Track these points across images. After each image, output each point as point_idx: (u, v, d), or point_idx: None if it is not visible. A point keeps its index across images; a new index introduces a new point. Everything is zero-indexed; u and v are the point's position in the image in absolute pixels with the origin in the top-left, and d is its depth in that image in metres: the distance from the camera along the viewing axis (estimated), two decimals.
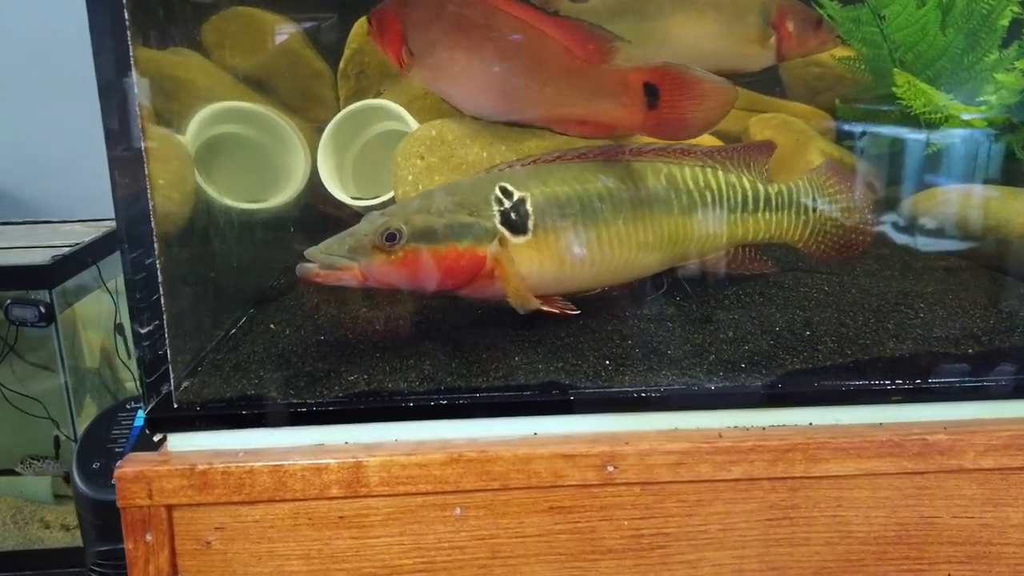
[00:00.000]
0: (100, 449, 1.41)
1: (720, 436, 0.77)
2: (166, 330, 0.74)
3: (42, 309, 1.73)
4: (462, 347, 0.84)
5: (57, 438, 1.89)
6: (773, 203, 0.94)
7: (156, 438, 0.75)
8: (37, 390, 1.87)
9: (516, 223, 0.82)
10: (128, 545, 0.73)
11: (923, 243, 1.17)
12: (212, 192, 1.20)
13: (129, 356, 1.92)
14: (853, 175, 1.02)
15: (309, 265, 0.77)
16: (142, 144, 0.72)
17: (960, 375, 0.81)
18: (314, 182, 1.35)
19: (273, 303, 1.00)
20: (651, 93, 0.88)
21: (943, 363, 0.81)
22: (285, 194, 1.34)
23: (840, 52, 1.38)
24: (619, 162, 0.88)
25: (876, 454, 0.77)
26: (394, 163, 1.26)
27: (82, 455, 1.42)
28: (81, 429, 1.76)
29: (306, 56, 1.52)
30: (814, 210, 0.96)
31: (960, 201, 1.19)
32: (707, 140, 1.43)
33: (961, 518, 0.79)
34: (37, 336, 1.82)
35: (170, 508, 0.73)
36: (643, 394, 0.78)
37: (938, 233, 1.16)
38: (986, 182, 1.25)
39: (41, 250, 1.73)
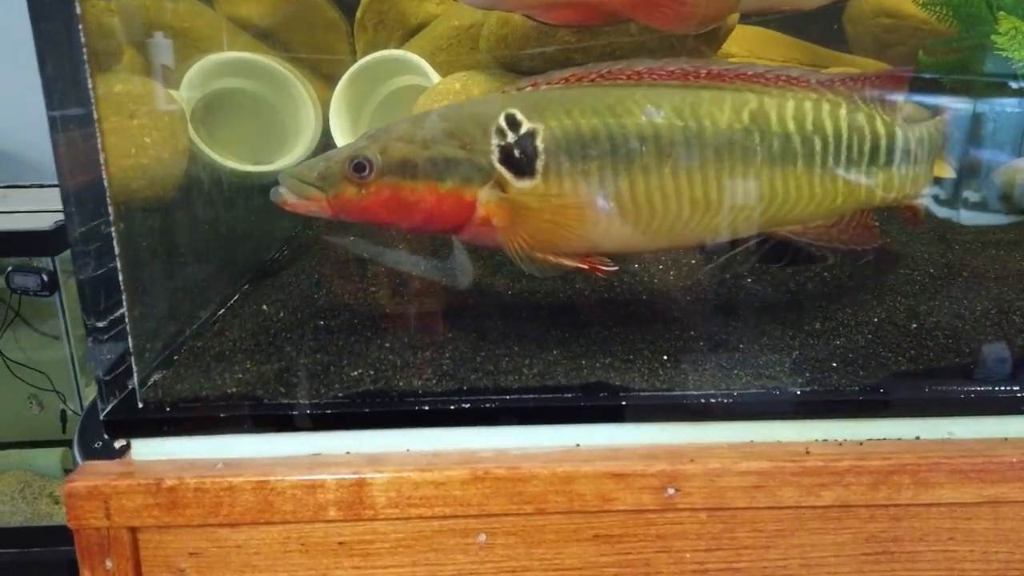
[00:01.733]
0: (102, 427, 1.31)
1: (807, 452, 0.62)
2: (127, 313, 0.61)
3: (44, 277, 1.66)
4: (488, 337, 0.69)
5: (64, 412, 1.81)
6: (913, 153, 0.70)
7: (118, 444, 0.62)
8: (43, 360, 1.80)
9: (520, 162, 0.63)
10: (84, 573, 0.60)
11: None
12: (209, 152, 1.07)
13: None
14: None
15: (280, 190, 0.65)
16: (91, 96, 0.57)
17: None
18: (326, 142, 1.22)
19: (270, 279, 0.87)
20: None
21: None
22: (293, 155, 1.21)
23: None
24: (686, 88, 0.66)
25: (1002, 478, 0.62)
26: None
27: (84, 433, 1.33)
28: (89, 401, 1.69)
29: (318, 4, 1.38)
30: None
31: None
32: None
33: None
34: (43, 302, 1.75)
35: (134, 530, 0.60)
36: (711, 399, 0.63)
37: None
38: None
39: (45, 215, 1.65)
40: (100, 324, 0.60)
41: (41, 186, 1.91)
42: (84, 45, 0.57)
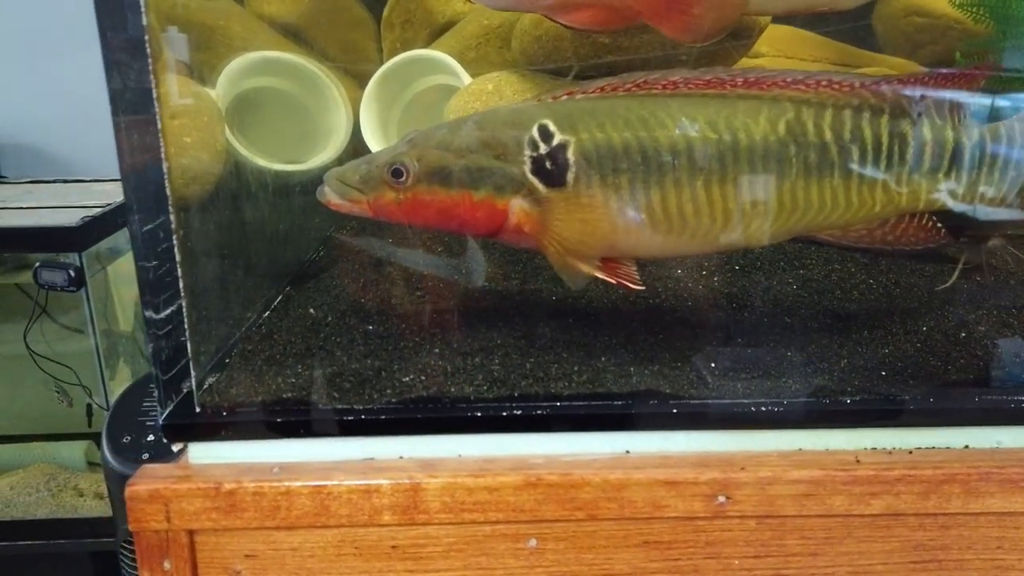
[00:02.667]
0: (131, 422, 1.33)
1: (857, 461, 0.63)
2: (186, 316, 0.62)
3: (71, 273, 1.67)
4: (537, 343, 0.70)
5: (89, 406, 1.83)
6: (966, 159, 0.67)
7: (175, 448, 0.63)
8: (69, 353, 1.82)
9: (551, 173, 0.64)
10: (143, 574, 0.61)
11: None
12: (245, 152, 1.08)
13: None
14: None
15: (325, 189, 0.68)
16: (155, 98, 0.58)
17: None
18: (356, 142, 1.22)
19: (311, 280, 0.87)
20: None
21: None
22: (325, 155, 1.22)
23: None
24: (723, 97, 0.65)
25: None
26: (446, 120, 1.13)
27: (112, 428, 1.34)
28: (114, 396, 1.70)
29: (347, 2, 1.38)
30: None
31: None
32: None
33: None
34: (68, 297, 1.76)
35: (192, 533, 0.61)
36: (760, 407, 0.64)
37: None
38: None
39: (71, 211, 1.67)
40: (160, 329, 0.60)
41: (64, 181, 1.93)
42: (148, 47, 0.58)
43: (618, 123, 0.64)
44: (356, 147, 1.22)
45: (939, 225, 0.69)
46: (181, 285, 0.62)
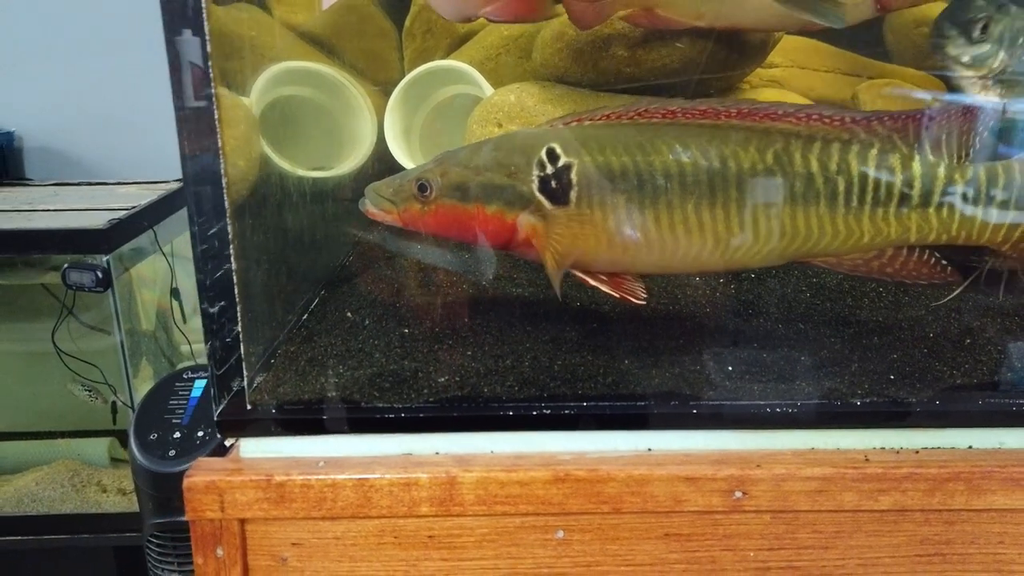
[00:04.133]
0: (158, 419, 1.37)
1: (867, 460, 0.67)
2: (239, 314, 0.66)
3: (99, 274, 1.70)
4: (564, 346, 0.74)
5: (114, 404, 1.87)
6: (958, 196, 0.69)
7: (228, 443, 0.68)
8: (93, 351, 1.85)
9: (556, 192, 0.70)
10: (197, 560, 0.66)
11: None
12: (276, 159, 1.12)
13: (184, 321, 1.89)
14: None
15: (365, 200, 0.76)
16: (215, 105, 0.63)
17: None
18: (381, 150, 1.26)
19: (345, 284, 0.92)
20: None
21: None
22: (351, 162, 1.26)
23: None
24: (717, 127, 0.69)
25: None
26: (469, 131, 1.17)
27: (139, 425, 1.38)
28: (137, 393, 1.74)
29: (372, 13, 1.42)
30: None
31: None
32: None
33: None
34: (93, 296, 1.80)
35: (243, 522, 0.65)
36: (775, 408, 0.67)
37: None
38: None
39: (98, 213, 1.70)
40: (215, 329, 0.65)
41: (90, 183, 1.96)
42: (209, 59, 0.62)
43: (618, 148, 0.70)
44: (381, 154, 1.27)
45: (943, 262, 0.72)
46: (235, 284, 0.66)
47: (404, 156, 1.28)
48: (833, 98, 1.33)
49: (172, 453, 1.21)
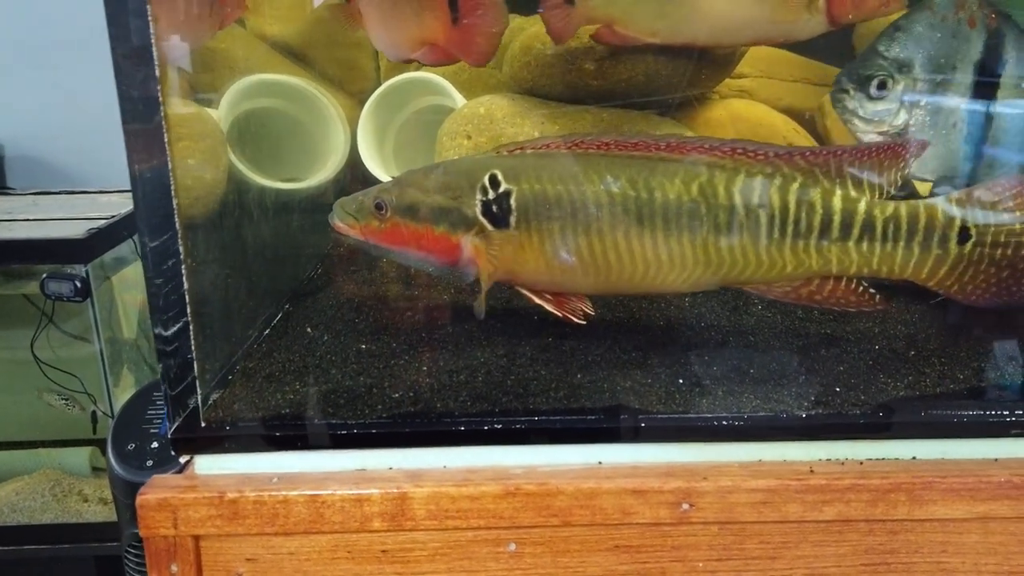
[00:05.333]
0: (136, 429, 1.37)
1: (811, 471, 0.68)
2: (192, 335, 0.67)
3: (78, 284, 1.70)
4: (518, 361, 0.75)
5: (94, 413, 1.87)
6: (878, 231, 0.71)
7: (182, 460, 0.69)
8: (73, 361, 1.85)
9: (497, 216, 0.74)
10: None
11: None
12: (246, 171, 1.13)
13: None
14: None
15: (333, 215, 0.79)
16: (163, 118, 0.64)
17: None
18: (354, 161, 1.27)
19: (310, 298, 0.93)
20: (453, 4, 0.81)
21: None
22: (323, 173, 1.26)
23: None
24: (648, 159, 0.73)
25: (992, 496, 0.67)
26: (439, 143, 1.18)
27: (117, 435, 1.38)
28: (117, 402, 1.74)
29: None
30: (964, 242, 0.72)
31: None
32: (773, 119, 1.32)
33: None
34: (74, 305, 1.80)
35: (197, 538, 0.66)
36: (723, 421, 0.69)
37: None
38: None
39: (77, 222, 1.70)
40: (168, 347, 0.66)
41: (70, 192, 1.96)
42: (158, 72, 0.63)
43: (553, 176, 0.73)
44: (354, 166, 1.27)
45: (872, 291, 0.74)
46: (188, 305, 0.67)
47: (377, 167, 1.29)
48: (801, 108, 1.35)
49: (150, 463, 1.21)
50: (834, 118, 1.31)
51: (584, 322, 0.76)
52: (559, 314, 0.75)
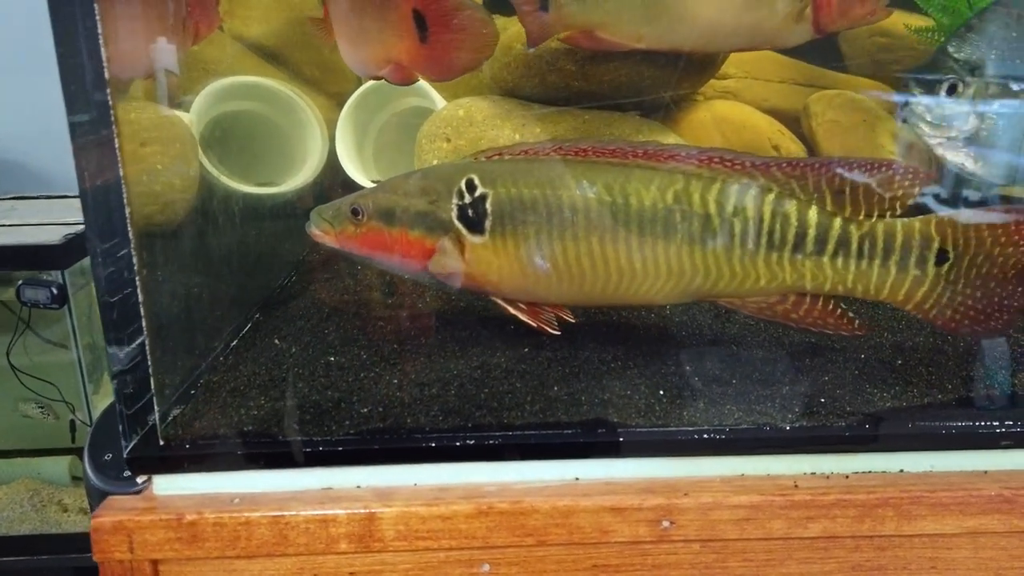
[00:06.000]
0: (113, 439, 1.34)
1: (796, 486, 0.65)
2: (149, 352, 0.64)
3: (54, 291, 1.67)
4: (492, 373, 0.72)
5: (73, 422, 1.84)
6: (853, 248, 0.69)
7: (139, 480, 0.66)
8: (52, 367, 1.82)
9: (473, 221, 0.73)
10: None
11: None
12: (220, 177, 1.10)
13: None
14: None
15: (308, 223, 0.79)
16: (113, 123, 0.61)
17: None
18: (333, 164, 1.24)
19: (281, 307, 0.90)
20: (420, 23, 0.81)
21: None
22: (301, 177, 1.24)
23: (916, 22, 1.23)
24: (624, 165, 0.71)
25: (982, 510, 0.65)
26: (418, 145, 1.15)
27: (94, 444, 1.35)
28: (97, 409, 1.70)
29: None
30: (941, 263, 0.69)
31: None
32: (759, 118, 1.30)
33: None
34: (52, 314, 1.77)
35: (156, 563, 0.63)
36: (704, 435, 0.66)
37: None
38: None
39: (54, 228, 1.67)
40: (123, 366, 0.63)
41: (49, 197, 1.93)
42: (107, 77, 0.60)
43: (530, 181, 0.72)
44: (333, 169, 1.25)
45: (850, 314, 0.72)
46: (144, 319, 0.64)
47: (356, 170, 1.26)
48: (786, 108, 1.33)
49: (127, 474, 1.18)
50: (819, 120, 1.29)
51: (559, 332, 0.74)
52: (534, 324, 0.74)
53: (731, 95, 1.36)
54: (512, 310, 0.74)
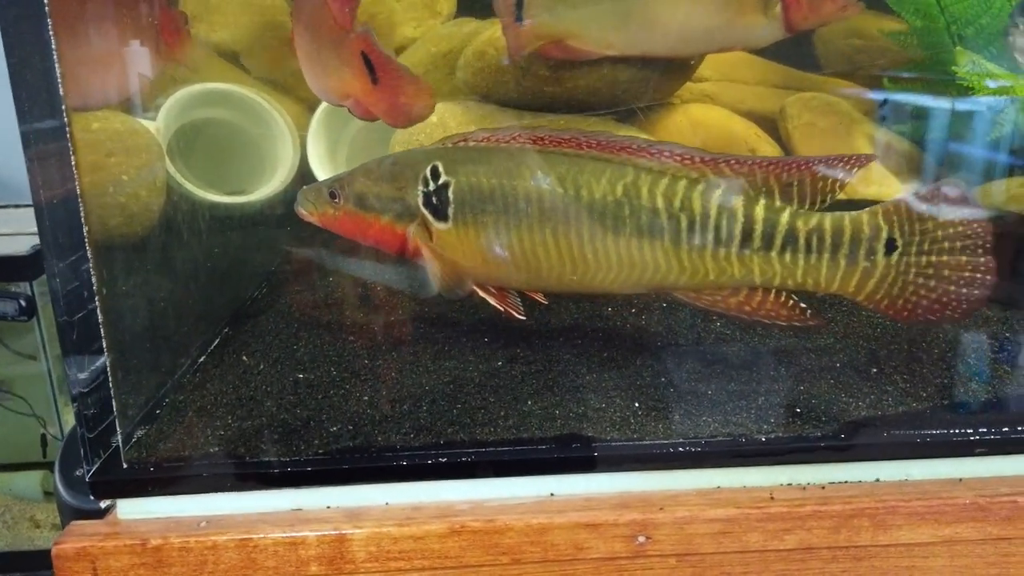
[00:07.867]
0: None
1: (772, 498, 0.65)
2: (110, 373, 0.62)
3: (22, 302, 1.63)
4: (465, 388, 0.71)
5: (44, 436, 1.80)
6: (801, 243, 0.68)
7: (103, 504, 0.64)
8: (22, 380, 1.78)
9: (436, 208, 0.74)
10: None
11: None
12: (188, 186, 1.08)
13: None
14: (973, 204, 0.68)
15: (296, 202, 0.81)
16: (67, 132, 0.59)
17: None
18: (305, 172, 1.22)
19: (251, 321, 0.88)
20: (369, 65, 0.82)
21: None
22: (272, 185, 1.22)
23: (890, 25, 1.23)
24: (581, 156, 0.71)
25: (957, 519, 0.65)
26: (392, 151, 1.14)
27: (65, 460, 1.32)
28: (68, 423, 1.67)
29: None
30: (890, 252, 0.68)
31: None
32: (735, 121, 1.29)
33: None
34: (20, 326, 1.73)
35: None
36: (680, 447, 0.66)
37: None
38: None
39: (22, 238, 1.63)
40: (84, 388, 0.61)
41: (16, 206, 1.89)
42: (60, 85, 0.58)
43: (489, 170, 0.73)
44: (305, 177, 1.23)
45: (802, 305, 0.71)
46: (105, 340, 0.62)
47: (327, 175, 1.24)
48: (763, 111, 1.33)
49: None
50: (795, 122, 1.30)
51: (524, 317, 0.75)
52: (501, 308, 0.75)
53: (708, 98, 1.36)
54: (482, 293, 0.75)
